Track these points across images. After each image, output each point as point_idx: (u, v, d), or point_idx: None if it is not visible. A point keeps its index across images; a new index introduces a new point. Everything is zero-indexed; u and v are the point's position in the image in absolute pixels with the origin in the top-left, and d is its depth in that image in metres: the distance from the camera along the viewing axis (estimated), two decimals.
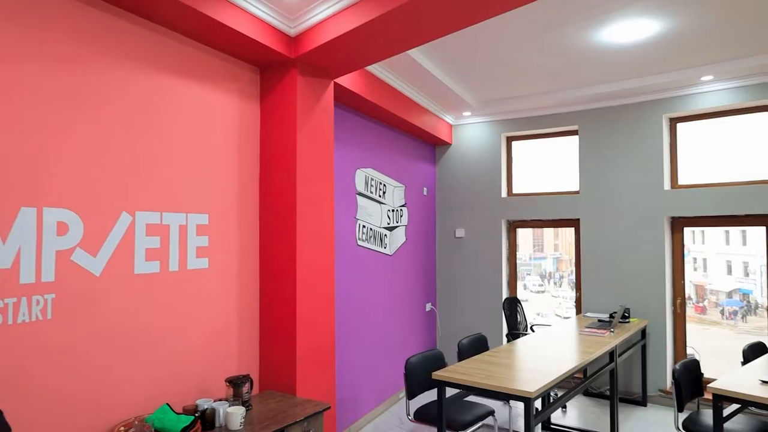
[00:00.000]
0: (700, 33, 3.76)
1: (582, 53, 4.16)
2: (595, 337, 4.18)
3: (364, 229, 4.61)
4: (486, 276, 5.90)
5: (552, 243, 7.25)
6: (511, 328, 5.27)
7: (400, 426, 4.50)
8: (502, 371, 3.21)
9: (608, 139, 5.27)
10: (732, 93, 4.63)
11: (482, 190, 5.97)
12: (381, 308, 4.90)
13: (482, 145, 5.98)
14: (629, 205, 5.13)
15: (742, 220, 4.69)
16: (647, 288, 5.02)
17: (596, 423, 4.51)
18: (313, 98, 3.34)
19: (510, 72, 4.61)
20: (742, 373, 3.14)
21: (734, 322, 5.19)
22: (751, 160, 4.69)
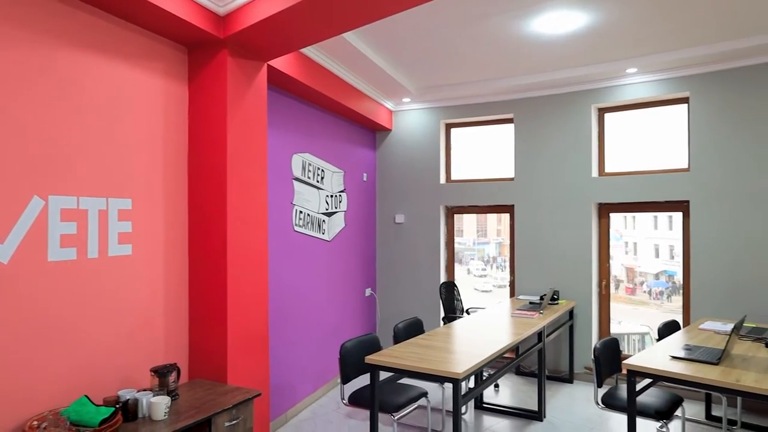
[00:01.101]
0: (625, 27, 3.93)
1: (515, 43, 4.25)
2: (525, 319, 4.34)
3: (301, 215, 4.56)
4: (425, 261, 5.99)
5: (495, 228, 7.42)
6: (448, 312, 5.39)
7: (338, 410, 4.53)
8: (433, 354, 3.28)
9: (541, 128, 5.43)
10: (654, 85, 4.87)
11: (421, 176, 6.03)
12: (319, 294, 4.89)
13: (422, 131, 6.03)
14: (560, 192, 5.33)
15: (662, 206, 4.97)
16: (575, 271, 5.25)
17: (527, 401, 4.71)
18: (244, 80, 3.25)
19: (447, 59, 4.66)
20: (656, 350, 3.35)
21: (660, 302, 5.50)
22: (671, 149, 4.97)
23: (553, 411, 4.43)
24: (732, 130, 4.51)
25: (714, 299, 4.58)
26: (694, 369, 2.93)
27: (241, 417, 2.74)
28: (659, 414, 3.21)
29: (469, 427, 4.16)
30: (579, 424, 4.15)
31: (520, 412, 4.37)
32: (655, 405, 3.27)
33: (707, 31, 4.01)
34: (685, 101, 4.82)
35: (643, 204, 5.04)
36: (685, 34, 4.06)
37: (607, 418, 4.26)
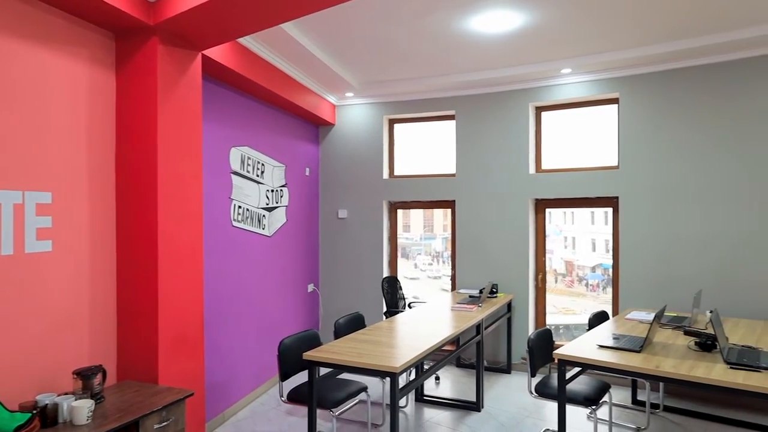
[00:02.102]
0: (559, 29, 4.06)
1: (455, 40, 4.31)
2: (464, 312, 4.42)
3: (240, 210, 4.46)
4: (368, 256, 6.00)
5: (442, 223, 7.52)
6: (391, 306, 5.42)
7: (278, 408, 4.47)
8: (373, 348, 3.29)
9: (481, 125, 5.54)
10: (587, 86, 5.07)
11: (365, 171, 6.03)
12: (259, 290, 4.80)
13: (365, 126, 6.02)
14: (499, 188, 5.46)
15: (594, 201, 5.18)
16: (514, 265, 5.40)
17: (466, 392, 4.81)
18: (177, 70, 3.13)
19: (390, 55, 4.67)
20: (585, 339, 3.50)
21: (597, 293, 5.74)
22: (603, 147, 5.18)
23: (491, 401, 4.55)
24: (658, 130, 4.75)
25: (640, 290, 4.83)
26: (619, 357, 3.08)
27: (172, 418, 2.65)
28: (588, 400, 3.35)
29: (410, 419, 4.21)
30: (515, 413, 4.28)
31: (460, 403, 4.46)
32: (584, 392, 3.42)
33: (636, 35, 4.20)
34: (615, 102, 5.04)
35: (576, 200, 5.24)
36: (615, 37, 4.24)
37: (542, 406, 4.41)
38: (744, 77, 4.37)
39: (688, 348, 3.27)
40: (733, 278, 4.42)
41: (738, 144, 4.40)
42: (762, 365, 2.81)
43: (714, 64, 4.49)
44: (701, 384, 2.73)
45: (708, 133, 4.53)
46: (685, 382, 2.78)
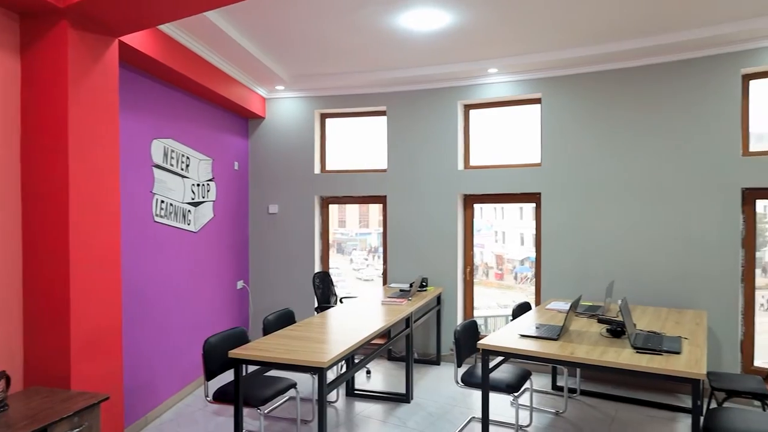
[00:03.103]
0: (485, 29, 4.18)
1: (386, 36, 4.34)
2: (394, 306, 4.49)
3: (163, 205, 4.28)
4: (300, 251, 5.94)
5: (377, 219, 7.55)
6: (323, 302, 5.41)
7: (204, 408, 4.35)
8: (301, 344, 3.27)
9: (412, 121, 5.62)
10: (512, 85, 5.25)
11: (296, 165, 5.96)
12: (185, 288, 4.64)
13: (296, 120, 5.95)
14: (430, 183, 5.56)
15: (519, 197, 5.39)
16: (443, 259, 5.53)
17: (397, 384, 4.88)
18: (90, 57, 2.96)
19: (321, 48, 4.63)
20: (508, 329, 3.64)
21: (525, 285, 5.96)
22: (527, 145, 5.40)
23: (420, 392, 4.64)
24: (576, 130, 5.01)
25: (560, 282, 5.08)
26: (538, 345, 3.24)
27: (85, 424, 2.51)
28: (510, 388, 3.50)
29: (340, 414, 4.22)
30: (443, 403, 4.39)
31: (390, 396, 4.52)
32: (506, 380, 3.56)
33: (558, 39, 4.40)
34: (538, 102, 5.26)
35: (502, 195, 5.43)
36: (538, 39, 4.42)
37: (469, 395, 4.55)
38: (656, 81, 4.68)
39: (601, 335, 3.48)
40: (641, 270, 4.74)
41: (649, 145, 4.72)
42: (664, 349, 3.05)
43: (629, 68, 4.78)
44: (611, 368, 2.92)
45: (622, 134, 4.82)
46: (598, 367, 2.97)
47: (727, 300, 4.37)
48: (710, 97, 4.44)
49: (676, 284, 4.59)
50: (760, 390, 3.41)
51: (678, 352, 3.01)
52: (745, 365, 4.40)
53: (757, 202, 4.38)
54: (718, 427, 2.78)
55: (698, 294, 4.49)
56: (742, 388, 3.45)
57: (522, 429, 3.89)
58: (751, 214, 4.39)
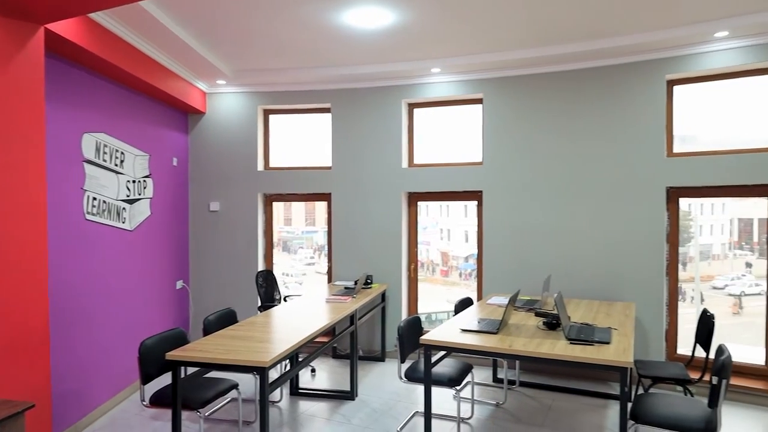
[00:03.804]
0: (429, 29, 4.23)
1: (330, 33, 4.31)
2: (339, 304, 4.48)
3: (95, 202, 4.09)
4: (242, 250, 5.83)
5: (324, 216, 7.50)
6: (266, 301, 5.32)
7: (141, 413, 4.19)
8: (243, 344, 3.21)
9: (357, 119, 5.62)
10: (454, 85, 5.35)
11: (239, 162, 5.83)
12: (120, 288, 4.45)
13: (238, 116, 5.82)
14: (374, 181, 5.59)
15: (461, 195, 5.50)
16: (387, 256, 5.57)
17: (342, 382, 4.88)
18: (12, 44, 2.78)
19: (264, 43, 4.55)
20: (450, 324, 3.72)
21: (469, 282, 6.08)
22: (469, 144, 5.51)
23: (365, 389, 4.66)
24: (516, 130, 5.16)
25: (501, 277, 5.23)
26: (478, 339, 3.32)
27: None
28: (452, 381, 3.57)
29: (284, 413, 4.18)
30: (387, 399, 4.43)
31: (335, 394, 4.51)
32: (448, 374, 3.63)
33: (499, 41, 4.51)
34: (479, 102, 5.38)
35: (445, 193, 5.53)
36: (480, 41, 4.52)
37: (413, 390, 4.61)
38: (589, 85, 4.89)
39: (537, 327, 3.61)
40: (576, 265, 4.95)
41: (582, 145, 4.92)
42: (595, 339, 3.20)
43: (565, 72, 4.97)
44: (547, 359, 3.04)
45: (558, 135, 5.01)
46: (535, 358, 3.08)
47: (653, 292, 4.64)
48: (638, 101, 4.69)
49: (607, 278, 4.82)
50: (682, 376, 3.64)
51: (608, 342, 3.17)
52: (670, 353, 4.69)
53: (680, 200, 4.67)
54: (644, 412, 2.95)
55: (627, 287, 4.74)
56: (667, 374, 3.67)
57: (463, 421, 3.98)
58: (675, 212, 4.67)
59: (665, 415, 2.90)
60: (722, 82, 4.50)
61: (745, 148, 4.38)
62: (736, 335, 4.72)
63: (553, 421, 3.95)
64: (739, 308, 4.80)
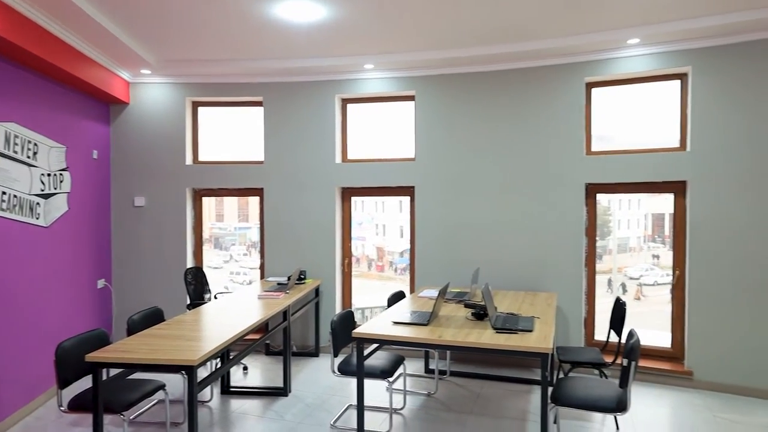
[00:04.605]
0: (361, 25, 4.26)
1: (262, 25, 4.24)
2: (271, 300, 4.43)
3: (4, 197, 3.81)
4: (170, 247, 5.62)
5: (257, 212, 7.36)
6: (195, 299, 5.17)
7: (59, 420, 3.96)
8: (170, 343, 3.12)
9: (290, 113, 5.56)
10: (388, 81, 5.41)
11: (166, 156, 5.61)
12: (33, 289, 4.17)
13: (165, 107, 5.60)
14: (308, 176, 5.56)
15: (394, 190, 5.58)
16: (321, 251, 5.56)
17: (275, 379, 4.83)
18: None
19: (192, 32, 4.40)
20: (382, 318, 3.78)
21: (404, 276, 6.17)
22: (402, 140, 5.60)
23: (299, 384, 4.65)
24: (447, 127, 5.29)
25: (432, 270, 5.36)
26: (410, 331, 3.40)
27: None
28: (384, 373, 3.63)
29: (215, 413, 4.09)
30: (321, 393, 4.44)
31: (267, 391, 4.47)
32: (381, 366, 3.69)
33: (429, 39, 4.61)
34: (411, 99, 5.48)
35: (379, 189, 5.59)
36: (411, 39, 4.60)
37: (347, 384, 4.65)
38: (515, 85, 5.09)
39: (466, 318, 3.75)
40: (504, 257, 5.16)
41: (508, 143, 5.12)
42: (519, 328, 3.36)
43: (492, 72, 5.15)
44: (475, 348, 3.16)
45: (486, 133, 5.19)
46: (463, 348, 3.19)
47: (574, 283, 4.92)
48: (559, 102, 4.94)
49: (532, 270, 5.06)
50: (598, 360, 3.89)
51: (531, 331, 3.34)
52: (588, 339, 4.99)
53: (597, 196, 4.97)
54: (562, 395, 3.13)
55: (550, 278, 5.00)
56: (584, 359, 3.91)
57: (396, 412, 4.06)
58: (593, 207, 4.97)
59: (581, 396, 3.10)
60: (636, 85, 4.83)
61: (655, 148, 4.73)
62: (650, 321, 5.09)
63: (481, 408, 4.11)
64: (641, 295, 5.20)
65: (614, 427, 3.76)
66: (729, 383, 4.35)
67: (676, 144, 4.66)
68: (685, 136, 4.59)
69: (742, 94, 4.29)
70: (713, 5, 3.85)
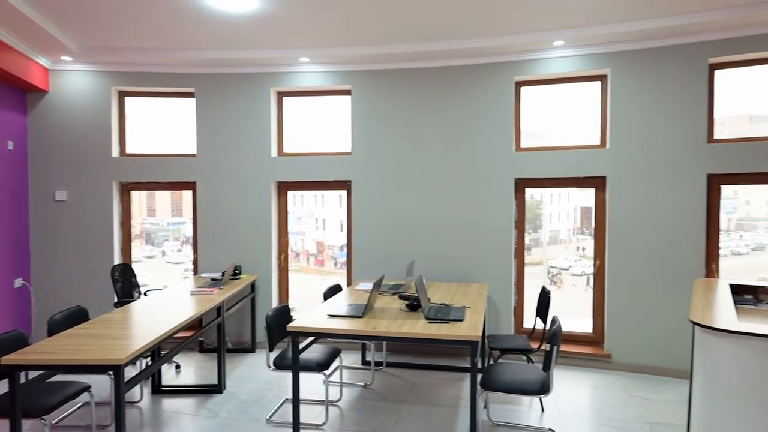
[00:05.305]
0: (295, 18, 4.23)
1: (192, 13, 4.12)
2: (204, 296, 4.34)
3: None
4: (96, 243, 5.37)
5: (191, 206, 7.13)
6: (124, 296, 4.98)
7: None
8: (96, 342, 3.00)
9: (224, 105, 5.44)
10: (324, 76, 5.40)
11: (90, 147, 5.35)
12: None
13: (89, 97, 5.33)
14: (242, 170, 5.46)
15: (331, 185, 5.59)
16: (257, 246, 5.49)
17: (209, 376, 4.74)
18: None
19: (117, 18, 4.21)
20: (318, 311, 3.79)
21: (344, 271, 6.18)
22: (339, 134, 5.61)
23: (234, 381, 4.58)
24: (384, 121, 5.35)
25: (369, 263, 5.42)
26: (345, 323, 3.44)
27: None
28: (320, 366, 3.66)
29: (145, 413, 3.97)
30: (257, 389, 4.40)
31: (201, 388, 4.38)
32: (316, 359, 3.72)
33: (365, 34, 4.64)
34: (348, 93, 5.50)
35: (316, 183, 5.58)
36: (348, 34, 4.61)
37: (284, 379, 4.63)
38: (450, 82, 5.21)
39: (401, 310, 3.83)
40: (437, 249, 5.29)
41: (442, 138, 5.25)
42: (451, 318, 3.48)
43: (428, 68, 5.25)
44: (408, 338, 3.25)
45: (421, 128, 5.29)
46: (397, 338, 3.27)
47: (504, 274, 5.13)
48: (491, 99, 5.11)
49: (465, 261, 5.23)
50: (525, 346, 4.10)
51: (462, 320, 3.46)
52: (517, 327, 5.23)
53: (527, 190, 5.19)
54: (491, 380, 3.28)
55: (482, 269, 5.18)
56: (512, 346, 4.11)
57: (332, 404, 4.10)
58: (522, 201, 5.20)
59: (508, 381, 3.26)
60: (561, 85, 5.08)
61: (579, 145, 5.00)
62: (579, 309, 5.37)
63: (415, 397, 4.22)
64: (561, 283, 5.53)
65: (540, 408, 3.98)
66: (643, 364, 4.70)
67: (597, 141, 4.94)
68: (605, 134, 4.89)
69: (655, 95, 4.61)
70: (631, 12, 4.12)
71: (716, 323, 2.68)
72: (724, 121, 4.58)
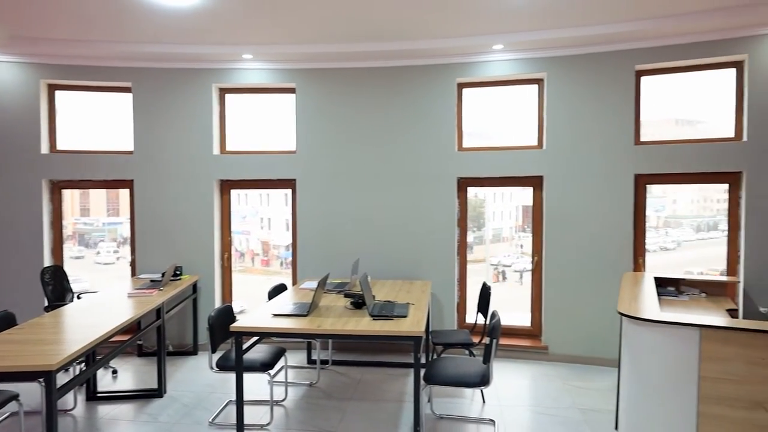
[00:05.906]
0: (237, 14, 4.16)
1: (130, 6, 3.98)
2: (143, 298, 4.21)
3: None
4: (23, 244, 5.09)
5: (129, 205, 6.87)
6: (56, 300, 4.74)
7: None
8: (23, 348, 2.86)
9: (163, 101, 5.28)
10: (267, 73, 5.34)
11: (14, 143, 5.07)
12: None
13: (14, 89, 5.04)
14: (183, 167, 5.32)
15: (275, 183, 5.54)
16: (198, 246, 5.37)
17: (148, 381, 4.60)
18: None
19: (48, 7, 4.00)
20: (262, 310, 3.76)
21: (290, 270, 6.13)
22: (283, 132, 5.57)
23: (175, 385, 4.47)
24: (328, 121, 5.35)
25: (314, 262, 5.42)
26: (290, 322, 3.43)
27: None
28: (265, 366, 3.63)
29: (79, 421, 3.81)
30: (199, 392, 4.31)
31: (140, 393, 4.24)
32: (261, 359, 3.69)
33: (310, 33, 4.62)
34: (292, 91, 5.46)
35: (260, 181, 5.51)
36: (291, 32, 4.58)
37: (227, 380, 4.56)
38: (394, 82, 5.28)
39: (345, 308, 3.86)
40: (382, 248, 5.35)
41: (386, 137, 5.32)
42: (394, 314, 3.54)
43: (372, 68, 5.29)
44: (353, 335, 3.28)
45: (365, 127, 5.33)
46: (341, 336, 3.30)
47: (447, 271, 5.25)
48: (434, 100, 5.22)
49: (409, 259, 5.31)
50: (467, 341, 4.22)
51: (405, 316, 3.53)
52: (460, 322, 5.37)
53: (469, 189, 5.34)
54: (433, 374, 3.36)
55: (425, 266, 5.29)
56: (454, 340, 4.22)
57: (277, 404, 4.07)
58: (464, 199, 5.34)
59: (450, 374, 3.35)
60: (501, 87, 5.25)
61: (518, 146, 5.19)
62: (520, 304, 5.55)
63: (360, 394, 4.26)
64: (500, 278, 5.75)
65: (481, 400, 4.11)
66: (577, 354, 4.94)
67: (535, 142, 5.15)
68: (541, 135, 5.09)
69: (587, 99, 4.85)
70: (566, 19, 4.31)
71: (640, 313, 2.87)
72: (653, 124, 4.89)
